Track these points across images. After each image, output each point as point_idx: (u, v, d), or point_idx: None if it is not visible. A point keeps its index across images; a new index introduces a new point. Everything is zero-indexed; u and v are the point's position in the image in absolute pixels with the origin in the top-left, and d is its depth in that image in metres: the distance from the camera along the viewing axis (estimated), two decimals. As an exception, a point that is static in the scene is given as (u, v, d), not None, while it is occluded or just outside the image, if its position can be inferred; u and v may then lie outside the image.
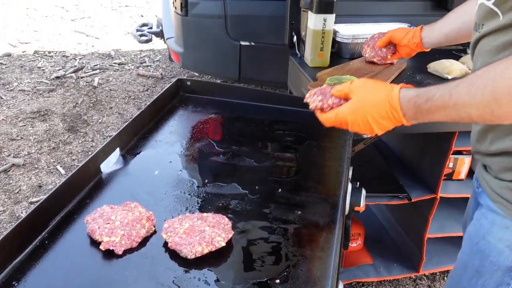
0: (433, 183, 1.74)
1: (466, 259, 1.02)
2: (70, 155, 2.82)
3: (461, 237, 1.07)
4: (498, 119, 0.76)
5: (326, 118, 0.96)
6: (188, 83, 1.50)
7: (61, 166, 2.68)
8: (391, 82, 1.66)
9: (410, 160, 1.94)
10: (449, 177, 1.76)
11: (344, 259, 1.92)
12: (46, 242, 0.84)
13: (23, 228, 0.81)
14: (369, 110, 0.89)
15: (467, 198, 1.16)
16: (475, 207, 1.04)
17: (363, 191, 1.14)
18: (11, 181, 2.54)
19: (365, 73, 1.73)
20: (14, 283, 0.74)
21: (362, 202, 1.14)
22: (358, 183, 1.19)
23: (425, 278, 2.04)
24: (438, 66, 1.65)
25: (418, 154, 1.89)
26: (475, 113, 0.76)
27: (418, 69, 1.75)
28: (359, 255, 1.97)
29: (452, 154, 1.65)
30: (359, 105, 0.90)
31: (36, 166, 2.68)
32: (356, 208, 1.14)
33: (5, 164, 2.65)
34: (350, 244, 1.98)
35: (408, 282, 2.02)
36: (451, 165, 1.75)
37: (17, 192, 2.46)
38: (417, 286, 2.01)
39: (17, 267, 0.77)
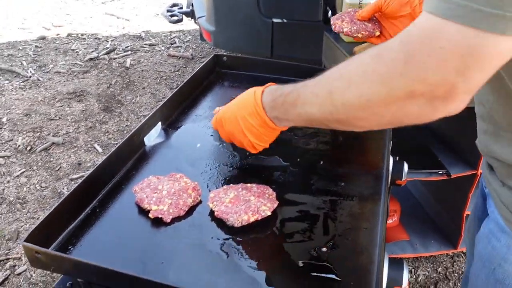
0: (473, 159, 1.70)
1: (482, 287, 0.91)
2: (107, 134, 2.89)
3: None
4: (341, 124, 0.70)
5: (212, 120, 0.98)
6: (225, 58, 1.50)
7: (98, 145, 2.75)
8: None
9: (449, 136, 1.90)
10: (490, 152, 1.72)
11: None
12: (97, 210, 0.86)
13: (75, 197, 0.84)
14: (238, 105, 0.86)
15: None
16: (483, 207, 0.96)
17: (405, 165, 1.13)
18: (51, 159, 2.62)
19: (403, 47, 1.68)
20: (70, 247, 0.78)
21: (404, 176, 1.13)
22: (397, 157, 1.18)
23: (463, 255, 2.02)
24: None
25: (458, 129, 1.84)
26: (318, 115, 0.70)
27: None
28: (395, 231, 1.95)
29: (494, 128, 1.60)
30: (233, 103, 0.90)
31: (74, 144, 2.76)
32: (398, 182, 1.13)
33: (46, 143, 2.74)
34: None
35: (445, 259, 2.00)
36: (492, 140, 1.70)
37: (58, 170, 2.54)
38: (454, 263, 1.99)
39: (71, 233, 0.81)
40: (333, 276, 0.73)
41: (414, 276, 1.92)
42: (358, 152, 1.10)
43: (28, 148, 2.71)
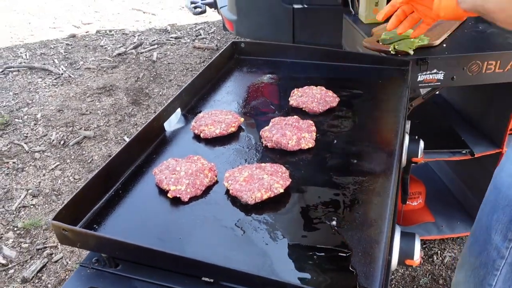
0: (498, 138, 1.67)
1: (487, 194, 1.05)
2: (135, 126, 2.97)
3: None
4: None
5: None
6: (242, 45, 1.53)
7: (127, 137, 2.84)
8: (451, 33, 1.60)
9: (472, 115, 1.87)
10: (516, 130, 1.69)
11: (402, 217, 1.91)
12: (120, 192, 0.91)
13: (100, 179, 0.89)
14: None
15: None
16: None
17: (421, 142, 1.14)
18: (84, 152, 2.73)
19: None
20: (95, 226, 0.83)
21: (420, 153, 1.13)
22: (416, 136, 1.18)
23: (491, 236, 1.99)
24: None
25: (481, 108, 1.81)
26: None
27: (480, 18, 1.66)
28: (420, 213, 1.95)
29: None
30: None
31: (105, 137, 2.86)
32: (414, 159, 1.14)
33: (78, 137, 2.85)
34: (410, 203, 1.97)
35: (472, 240, 1.97)
36: (517, 118, 1.67)
37: (90, 162, 2.64)
38: (482, 244, 1.96)
39: (97, 213, 0.86)
40: (343, 250, 0.75)
41: (441, 258, 1.91)
42: (372, 131, 1.11)
43: (62, 142, 2.82)
